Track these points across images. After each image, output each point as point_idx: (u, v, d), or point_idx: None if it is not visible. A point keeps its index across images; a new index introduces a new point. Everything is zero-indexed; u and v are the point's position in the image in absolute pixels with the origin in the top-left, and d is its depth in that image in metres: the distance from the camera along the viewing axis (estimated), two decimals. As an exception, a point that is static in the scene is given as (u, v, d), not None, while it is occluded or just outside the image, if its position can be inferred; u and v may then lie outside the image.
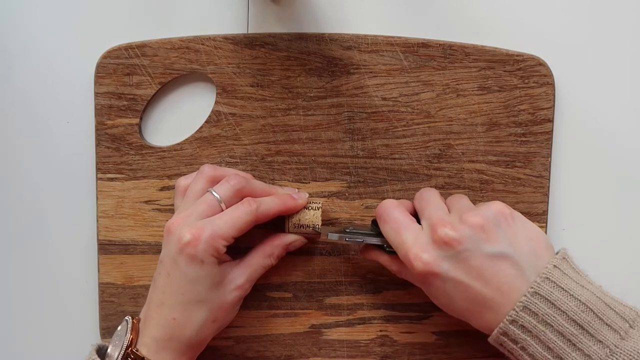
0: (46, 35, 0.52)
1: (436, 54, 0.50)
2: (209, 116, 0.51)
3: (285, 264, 0.51)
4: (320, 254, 0.52)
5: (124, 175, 0.51)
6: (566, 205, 0.52)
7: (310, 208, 0.49)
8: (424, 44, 0.50)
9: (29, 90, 0.53)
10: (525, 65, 0.50)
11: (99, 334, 0.52)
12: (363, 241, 0.48)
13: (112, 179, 0.51)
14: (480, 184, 0.51)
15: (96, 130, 0.51)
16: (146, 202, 0.52)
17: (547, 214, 0.51)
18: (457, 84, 0.50)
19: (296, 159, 0.51)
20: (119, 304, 0.52)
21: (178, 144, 0.51)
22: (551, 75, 0.50)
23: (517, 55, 0.50)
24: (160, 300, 0.45)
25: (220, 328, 0.47)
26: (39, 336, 0.54)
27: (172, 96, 0.52)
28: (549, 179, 0.51)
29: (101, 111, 0.51)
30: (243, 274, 0.47)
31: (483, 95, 0.50)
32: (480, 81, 0.50)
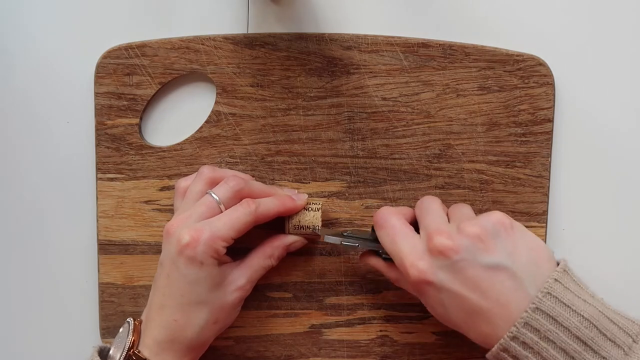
0: (46, 35, 0.52)
1: (436, 54, 0.50)
2: (209, 116, 0.51)
3: (285, 264, 0.51)
4: (321, 254, 0.52)
5: (124, 175, 0.51)
6: (566, 205, 0.52)
7: (310, 209, 0.48)
8: (424, 44, 0.50)
9: (29, 90, 0.53)
10: (525, 65, 0.50)
11: (99, 334, 0.53)
12: (358, 246, 0.48)
13: (112, 179, 0.51)
14: (480, 184, 0.51)
15: (96, 130, 0.51)
16: (146, 202, 0.52)
17: (547, 214, 0.51)
18: (457, 84, 0.50)
19: (296, 159, 0.51)
20: (119, 304, 0.52)
21: (178, 144, 0.51)
22: (551, 75, 0.50)
23: (517, 55, 0.50)
24: (161, 302, 0.45)
25: (221, 329, 0.47)
26: (39, 336, 0.54)
27: (172, 96, 0.52)
28: (549, 179, 0.51)
29: (101, 111, 0.51)
30: (243, 275, 0.47)
31: (483, 95, 0.50)
32: (480, 81, 0.50)
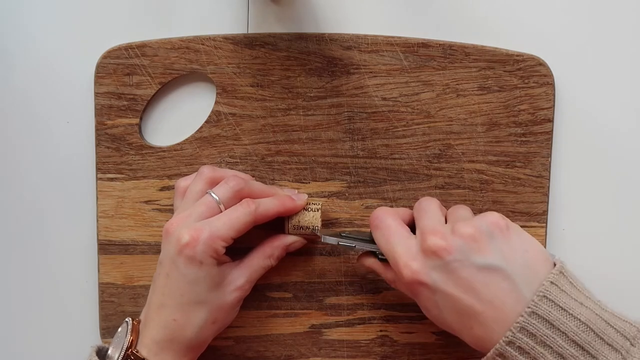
0: (46, 35, 0.52)
1: (436, 54, 0.50)
2: (209, 116, 0.51)
3: (285, 264, 0.51)
4: (321, 254, 0.52)
5: (124, 175, 0.51)
6: (566, 205, 0.52)
7: (309, 209, 0.48)
8: (424, 44, 0.50)
9: (29, 90, 0.53)
10: (525, 65, 0.50)
11: (99, 334, 0.53)
12: (355, 246, 0.48)
13: (112, 179, 0.51)
14: (480, 184, 0.51)
15: (96, 130, 0.51)
16: (146, 202, 0.52)
17: (547, 214, 0.51)
18: (457, 84, 0.50)
19: (296, 159, 0.51)
20: (119, 304, 0.52)
21: (178, 144, 0.51)
22: (551, 75, 0.50)
23: (517, 55, 0.50)
24: (160, 301, 0.45)
25: (220, 329, 0.47)
26: (39, 336, 0.54)
27: (172, 96, 0.52)
28: (549, 179, 0.51)
29: (101, 111, 0.51)
30: (243, 275, 0.47)
31: (483, 95, 0.50)
32: (480, 81, 0.50)
